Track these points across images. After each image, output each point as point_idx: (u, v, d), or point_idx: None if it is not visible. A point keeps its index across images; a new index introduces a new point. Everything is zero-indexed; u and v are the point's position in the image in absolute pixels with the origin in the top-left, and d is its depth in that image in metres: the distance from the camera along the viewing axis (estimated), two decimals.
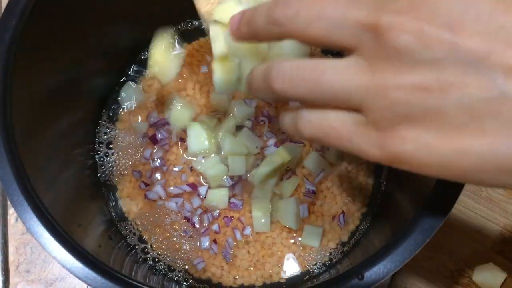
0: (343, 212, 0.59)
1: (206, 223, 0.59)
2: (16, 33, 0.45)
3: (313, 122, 0.30)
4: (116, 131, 0.64)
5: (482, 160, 0.24)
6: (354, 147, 0.28)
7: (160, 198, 0.61)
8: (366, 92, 0.26)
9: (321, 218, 0.60)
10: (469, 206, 0.62)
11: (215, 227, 0.59)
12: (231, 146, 0.59)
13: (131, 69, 0.67)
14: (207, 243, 0.59)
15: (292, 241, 0.59)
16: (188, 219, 0.60)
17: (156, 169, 0.62)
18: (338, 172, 0.61)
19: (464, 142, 0.24)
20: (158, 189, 0.61)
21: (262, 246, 0.59)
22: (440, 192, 0.40)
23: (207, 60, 0.66)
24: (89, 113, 0.63)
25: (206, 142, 0.59)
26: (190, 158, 0.62)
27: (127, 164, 0.63)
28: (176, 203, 0.60)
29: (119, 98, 0.65)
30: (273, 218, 0.59)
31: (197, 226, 0.59)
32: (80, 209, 0.54)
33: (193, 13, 0.68)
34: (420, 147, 0.25)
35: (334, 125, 0.28)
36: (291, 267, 0.59)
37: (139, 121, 0.64)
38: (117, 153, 0.63)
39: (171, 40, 0.55)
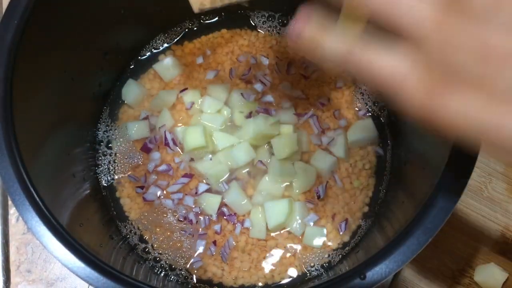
0: (346, 220, 0.60)
1: (203, 226, 0.59)
2: (17, 33, 0.45)
3: (368, 61, 0.29)
4: (116, 130, 0.64)
5: None
6: (401, 94, 0.28)
7: (158, 197, 0.61)
8: (433, 32, 0.26)
9: (324, 219, 0.60)
10: (470, 206, 0.62)
11: (216, 227, 0.59)
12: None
13: (132, 67, 0.67)
14: (202, 247, 0.59)
15: (294, 241, 0.59)
16: (185, 217, 0.60)
17: (153, 172, 0.62)
18: (341, 173, 0.62)
19: (506, 117, 0.25)
20: (155, 190, 0.61)
21: (263, 247, 0.59)
22: (442, 192, 0.40)
23: (206, 54, 0.67)
24: (89, 112, 0.63)
25: (202, 138, 0.60)
26: (188, 156, 0.62)
27: (126, 165, 0.63)
28: (173, 200, 0.60)
29: (120, 96, 0.65)
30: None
31: (194, 223, 0.59)
32: (81, 208, 0.54)
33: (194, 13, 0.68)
34: (467, 111, 0.26)
35: (391, 67, 0.28)
36: (292, 268, 0.59)
37: (139, 120, 0.64)
38: (117, 152, 0.63)
39: None
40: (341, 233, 0.59)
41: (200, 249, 0.59)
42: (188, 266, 0.59)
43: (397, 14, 0.27)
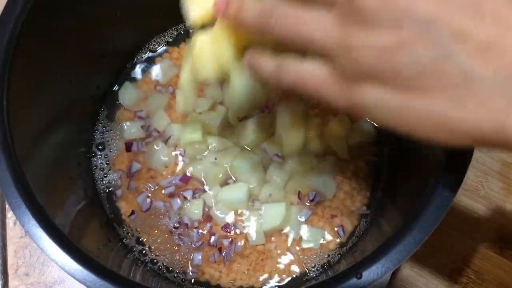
0: (344, 221, 0.60)
1: (195, 239, 0.59)
2: (13, 36, 0.45)
3: (292, 72, 0.33)
4: (112, 132, 0.64)
5: (420, 118, 0.28)
6: (325, 96, 0.32)
7: (150, 199, 0.61)
8: (337, 45, 0.29)
9: (322, 220, 0.60)
10: (467, 205, 0.62)
11: (225, 242, 0.59)
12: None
13: (129, 69, 0.67)
14: (200, 257, 0.58)
15: (292, 243, 0.59)
16: (180, 222, 0.60)
17: (147, 172, 0.62)
18: (340, 174, 0.62)
19: (408, 100, 0.27)
20: (148, 193, 0.61)
21: (262, 251, 0.59)
22: (437, 191, 0.40)
23: None
24: (86, 114, 0.64)
25: (199, 133, 0.60)
26: (184, 157, 0.62)
27: (123, 167, 0.63)
28: (165, 203, 0.60)
29: (117, 98, 0.65)
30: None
31: (190, 225, 0.59)
32: (78, 211, 0.54)
33: None
34: (377, 101, 0.29)
35: (311, 75, 0.32)
36: (290, 269, 0.59)
37: (134, 121, 0.64)
38: (114, 155, 0.63)
39: None
40: (339, 234, 0.59)
41: (198, 261, 0.58)
42: (185, 268, 0.59)
43: (302, 40, 0.31)
